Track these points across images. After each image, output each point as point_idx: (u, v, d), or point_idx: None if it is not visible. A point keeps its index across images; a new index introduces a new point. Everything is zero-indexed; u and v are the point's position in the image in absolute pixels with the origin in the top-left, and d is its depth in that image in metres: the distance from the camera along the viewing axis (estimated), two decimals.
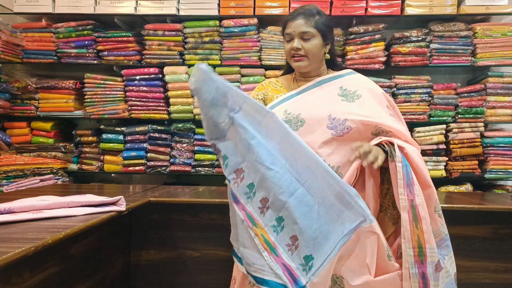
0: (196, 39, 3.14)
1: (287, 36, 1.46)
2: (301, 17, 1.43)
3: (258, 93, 1.57)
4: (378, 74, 3.11)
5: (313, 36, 1.43)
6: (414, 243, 1.25)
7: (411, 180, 1.27)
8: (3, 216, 1.35)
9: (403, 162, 1.28)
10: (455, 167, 3.07)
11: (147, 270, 2.20)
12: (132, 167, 3.20)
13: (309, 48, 1.44)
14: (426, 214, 1.27)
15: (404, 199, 1.25)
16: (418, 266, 1.25)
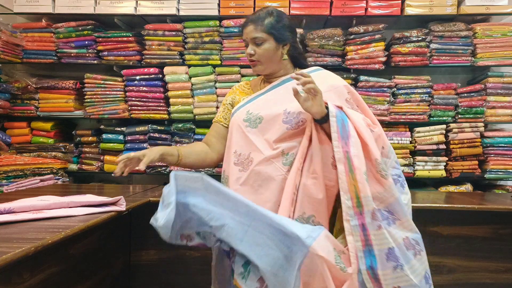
0: (196, 39, 3.14)
1: (244, 42, 1.53)
2: (250, 24, 1.48)
3: (227, 99, 1.65)
4: (378, 74, 3.11)
5: (264, 40, 1.47)
6: (351, 194, 1.27)
7: (347, 133, 1.31)
8: (3, 216, 1.35)
9: (339, 117, 1.33)
10: (455, 167, 3.07)
11: (147, 270, 2.20)
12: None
13: (261, 53, 1.48)
14: (362, 165, 1.29)
15: (339, 151, 1.29)
16: (358, 217, 1.26)
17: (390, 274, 1.26)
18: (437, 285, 2.15)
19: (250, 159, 1.41)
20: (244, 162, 1.41)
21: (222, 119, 1.63)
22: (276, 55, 1.50)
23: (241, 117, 1.48)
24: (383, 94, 3.08)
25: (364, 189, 1.27)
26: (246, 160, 1.41)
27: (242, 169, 1.41)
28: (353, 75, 3.11)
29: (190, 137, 3.19)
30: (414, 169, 3.07)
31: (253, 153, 1.41)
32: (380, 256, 1.25)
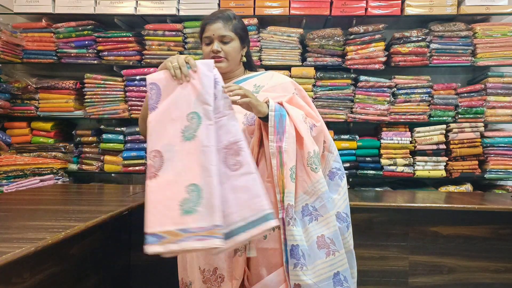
0: (196, 39, 3.14)
1: (206, 39, 1.51)
2: (219, 21, 1.49)
3: None
4: (378, 74, 3.11)
5: (232, 39, 1.50)
6: (280, 188, 1.33)
7: (283, 128, 1.36)
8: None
9: (277, 112, 1.37)
10: (455, 167, 3.07)
11: (147, 270, 2.20)
12: (132, 167, 3.20)
13: (229, 51, 1.50)
14: (290, 161, 1.34)
15: (273, 146, 1.35)
16: (282, 211, 1.33)
17: (292, 270, 1.32)
18: (437, 285, 2.16)
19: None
20: None
21: None
22: (239, 55, 1.56)
23: None
24: (383, 94, 3.08)
25: (288, 185, 1.33)
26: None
27: None
28: (353, 75, 3.11)
29: None
30: (414, 169, 3.07)
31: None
32: (292, 251, 1.32)
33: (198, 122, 1.26)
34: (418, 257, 2.12)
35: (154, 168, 1.25)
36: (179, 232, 1.17)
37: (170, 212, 1.19)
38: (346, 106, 3.10)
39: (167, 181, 1.22)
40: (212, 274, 1.32)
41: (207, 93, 1.29)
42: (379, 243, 1.42)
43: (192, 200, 1.19)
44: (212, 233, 1.16)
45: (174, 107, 1.30)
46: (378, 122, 3.14)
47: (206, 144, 1.23)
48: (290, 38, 3.08)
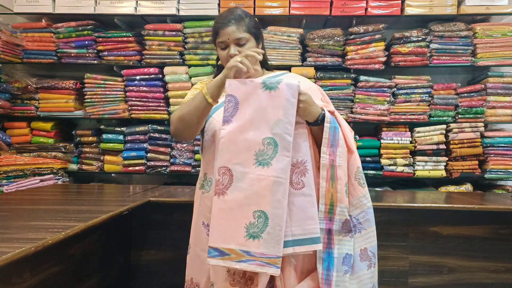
0: (196, 39, 3.14)
1: (221, 44, 1.45)
2: (232, 24, 1.43)
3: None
4: (378, 74, 3.11)
5: (247, 40, 1.45)
6: (327, 200, 1.33)
7: (337, 142, 1.35)
8: None
9: (332, 124, 1.35)
10: (455, 167, 3.07)
11: (147, 270, 2.20)
12: (132, 167, 3.20)
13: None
14: (344, 176, 1.34)
15: (326, 158, 1.33)
16: (326, 222, 1.33)
17: (341, 277, 1.32)
18: (437, 285, 2.17)
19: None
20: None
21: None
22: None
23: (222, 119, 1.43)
24: (383, 94, 3.08)
25: (342, 200, 1.33)
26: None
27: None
28: (353, 75, 3.11)
29: None
30: (414, 169, 3.07)
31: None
32: (338, 260, 1.32)
33: (275, 151, 1.25)
34: (418, 257, 2.12)
35: (223, 185, 1.26)
36: (242, 253, 1.23)
37: (235, 232, 1.24)
38: (346, 106, 3.10)
39: (235, 201, 1.25)
40: (242, 277, 1.31)
41: (289, 122, 1.25)
42: (379, 243, 1.42)
43: (258, 226, 1.23)
44: (273, 262, 1.21)
45: (250, 126, 1.27)
46: (378, 122, 3.14)
47: (280, 175, 1.24)
48: (290, 38, 3.08)
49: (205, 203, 1.46)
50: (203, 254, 1.44)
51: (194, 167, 3.17)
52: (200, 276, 1.48)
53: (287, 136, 1.25)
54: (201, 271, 1.47)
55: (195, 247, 1.51)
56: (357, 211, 1.38)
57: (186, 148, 3.18)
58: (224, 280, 1.35)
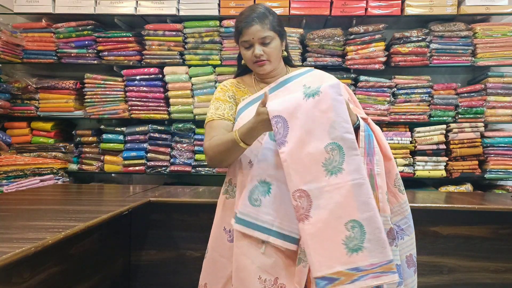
0: (196, 39, 3.14)
1: (245, 43, 1.42)
2: (256, 22, 1.39)
3: (229, 94, 1.52)
4: (378, 74, 3.11)
5: (272, 39, 1.41)
6: None
7: (373, 150, 1.29)
8: None
9: (366, 132, 1.30)
10: (455, 167, 3.07)
11: (147, 270, 2.20)
12: (132, 167, 3.20)
13: (271, 52, 1.42)
14: (384, 184, 1.30)
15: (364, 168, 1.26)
16: None
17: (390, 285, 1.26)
18: (437, 285, 2.16)
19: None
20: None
21: (232, 118, 1.47)
22: (280, 52, 1.47)
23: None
24: (383, 94, 3.08)
25: (385, 209, 1.28)
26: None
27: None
28: (353, 75, 3.11)
29: (190, 137, 3.19)
30: (414, 169, 3.07)
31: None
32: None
33: (341, 154, 1.17)
34: (418, 257, 2.09)
35: (303, 210, 1.18)
36: (350, 272, 1.13)
37: (335, 252, 1.15)
38: None
39: (322, 220, 1.16)
40: (273, 284, 1.29)
41: (344, 120, 1.18)
42: None
43: (356, 237, 1.14)
44: (387, 269, 1.13)
45: (308, 139, 1.20)
46: (378, 122, 3.13)
47: (357, 177, 1.16)
48: (290, 38, 3.08)
49: (228, 209, 1.42)
50: (221, 260, 1.41)
51: (194, 167, 3.17)
52: (214, 282, 1.44)
53: (348, 134, 1.18)
54: (216, 277, 1.43)
55: (213, 252, 1.46)
56: (398, 218, 1.36)
57: (186, 148, 3.18)
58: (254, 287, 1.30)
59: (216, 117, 1.46)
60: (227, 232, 1.42)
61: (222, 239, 1.43)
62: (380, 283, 1.13)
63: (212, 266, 1.45)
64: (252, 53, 1.41)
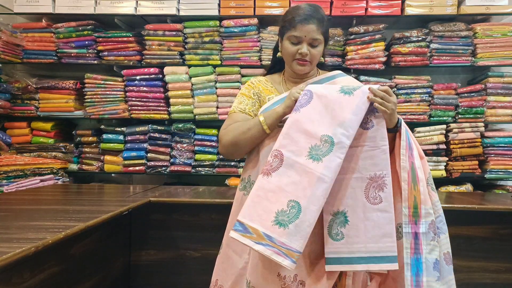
0: (196, 39, 3.14)
1: (294, 39, 1.38)
2: (314, 22, 1.37)
3: (254, 91, 1.51)
4: (378, 74, 3.11)
5: (320, 43, 1.41)
6: (410, 203, 1.29)
7: (411, 145, 1.34)
8: None
9: (404, 127, 1.34)
10: (456, 167, 3.07)
11: (147, 270, 2.20)
12: (132, 167, 3.20)
13: (315, 55, 1.41)
14: (424, 178, 1.33)
15: (405, 160, 1.30)
16: (411, 226, 1.29)
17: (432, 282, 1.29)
18: None
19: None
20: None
21: (252, 114, 1.46)
22: (320, 57, 1.47)
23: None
24: None
25: (426, 201, 1.30)
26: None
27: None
28: (353, 75, 3.10)
29: (190, 137, 3.19)
30: None
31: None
32: (427, 264, 1.29)
33: (329, 149, 1.24)
34: None
35: (271, 167, 1.27)
36: (264, 236, 1.21)
37: (265, 214, 1.23)
38: None
39: (276, 185, 1.25)
40: (293, 281, 1.29)
41: (352, 127, 1.25)
42: None
43: (288, 215, 1.21)
44: (291, 255, 1.19)
45: (314, 120, 1.29)
46: None
47: (327, 174, 1.22)
48: None
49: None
50: (233, 256, 1.42)
51: (194, 167, 3.17)
52: (225, 278, 1.44)
53: (346, 139, 1.24)
54: (227, 274, 1.43)
55: (227, 248, 1.46)
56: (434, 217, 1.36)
57: (186, 148, 3.18)
58: (273, 284, 1.31)
59: (238, 110, 1.47)
60: None
61: None
62: (276, 260, 1.18)
63: (225, 262, 1.46)
64: (298, 50, 1.39)
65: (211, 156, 3.15)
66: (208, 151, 3.16)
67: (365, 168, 1.28)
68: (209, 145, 3.16)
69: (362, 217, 1.25)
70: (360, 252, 1.23)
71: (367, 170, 1.27)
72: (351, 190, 1.27)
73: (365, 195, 1.26)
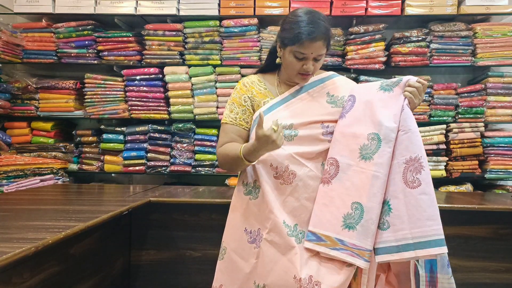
0: (196, 39, 3.14)
1: (300, 54, 1.35)
2: (321, 40, 1.33)
3: (245, 97, 1.47)
4: (378, 74, 3.11)
5: (323, 56, 1.40)
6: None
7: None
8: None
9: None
10: (456, 167, 3.07)
11: (147, 270, 2.20)
12: (132, 167, 3.20)
13: (318, 67, 1.42)
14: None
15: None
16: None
17: (447, 279, 1.34)
18: None
19: (290, 171, 1.37)
20: (283, 175, 1.37)
21: (243, 122, 1.46)
22: None
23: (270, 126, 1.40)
24: None
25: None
26: (286, 173, 1.37)
27: (284, 182, 1.38)
28: (353, 75, 3.11)
29: (190, 137, 3.19)
30: None
31: (293, 166, 1.37)
32: (441, 261, 1.34)
33: (378, 146, 1.30)
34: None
35: (329, 175, 1.36)
36: (337, 241, 1.29)
37: (334, 220, 1.31)
38: None
39: (338, 191, 1.32)
40: (309, 282, 1.29)
41: (394, 120, 1.31)
42: None
43: (354, 217, 1.28)
44: (363, 254, 1.26)
45: (359, 122, 1.35)
46: None
47: (379, 170, 1.28)
48: None
49: (252, 210, 1.41)
50: (239, 261, 1.41)
51: (194, 167, 3.17)
52: (230, 284, 1.43)
53: (391, 132, 1.30)
54: (233, 278, 1.43)
55: (231, 253, 1.44)
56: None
57: (186, 148, 3.18)
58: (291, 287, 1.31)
59: (229, 121, 1.47)
60: (248, 233, 1.41)
61: (242, 240, 1.42)
62: (351, 262, 1.26)
63: (229, 267, 1.44)
64: (302, 65, 1.37)
65: (211, 156, 3.15)
66: (208, 151, 3.16)
67: (400, 153, 1.31)
68: (209, 145, 3.16)
69: (404, 203, 1.26)
70: (406, 239, 1.24)
71: (402, 155, 1.31)
72: (391, 177, 1.30)
73: (404, 180, 1.28)
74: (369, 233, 1.26)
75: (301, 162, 1.38)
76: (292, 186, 1.37)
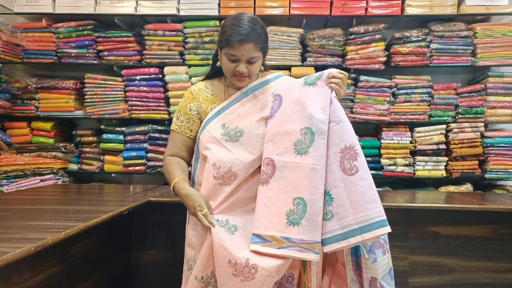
0: (196, 39, 3.14)
1: (232, 57, 1.39)
2: (251, 42, 1.36)
3: (191, 106, 1.53)
4: (378, 74, 3.11)
5: (258, 58, 1.43)
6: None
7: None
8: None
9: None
10: (456, 167, 3.07)
11: (147, 270, 2.20)
12: (132, 167, 3.20)
13: (254, 70, 1.45)
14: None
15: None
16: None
17: (370, 264, 1.33)
18: (437, 285, 2.17)
19: (232, 173, 1.39)
20: (225, 176, 1.40)
21: (188, 130, 1.54)
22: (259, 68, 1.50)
23: (218, 131, 1.45)
24: (383, 94, 3.08)
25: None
26: (227, 174, 1.39)
27: (224, 183, 1.40)
28: (353, 75, 3.11)
29: None
30: (414, 169, 3.07)
31: (236, 167, 1.40)
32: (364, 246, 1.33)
33: (311, 139, 1.32)
34: (418, 257, 2.12)
35: (266, 175, 1.36)
36: (282, 239, 1.28)
37: (276, 219, 1.30)
38: (346, 106, 3.10)
39: (277, 190, 1.33)
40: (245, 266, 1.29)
41: (324, 112, 1.33)
42: None
43: (298, 212, 1.28)
44: (312, 247, 1.26)
45: (290, 119, 1.37)
46: (378, 122, 3.14)
47: (317, 163, 1.29)
48: (290, 38, 3.08)
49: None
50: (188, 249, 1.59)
51: None
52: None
53: (322, 124, 1.31)
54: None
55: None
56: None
57: None
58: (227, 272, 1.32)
59: (175, 128, 1.56)
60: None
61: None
62: (301, 257, 1.27)
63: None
64: (235, 68, 1.42)
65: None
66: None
67: (335, 143, 1.32)
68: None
69: (345, 191, 1.28)
70: (351, 225, 1.26)
71: (336, 144, 1.32)
72: (328, 168, 1.31)
73: (342, 169, 1.29)
74: (316, 225, 1.26)
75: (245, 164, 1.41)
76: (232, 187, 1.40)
